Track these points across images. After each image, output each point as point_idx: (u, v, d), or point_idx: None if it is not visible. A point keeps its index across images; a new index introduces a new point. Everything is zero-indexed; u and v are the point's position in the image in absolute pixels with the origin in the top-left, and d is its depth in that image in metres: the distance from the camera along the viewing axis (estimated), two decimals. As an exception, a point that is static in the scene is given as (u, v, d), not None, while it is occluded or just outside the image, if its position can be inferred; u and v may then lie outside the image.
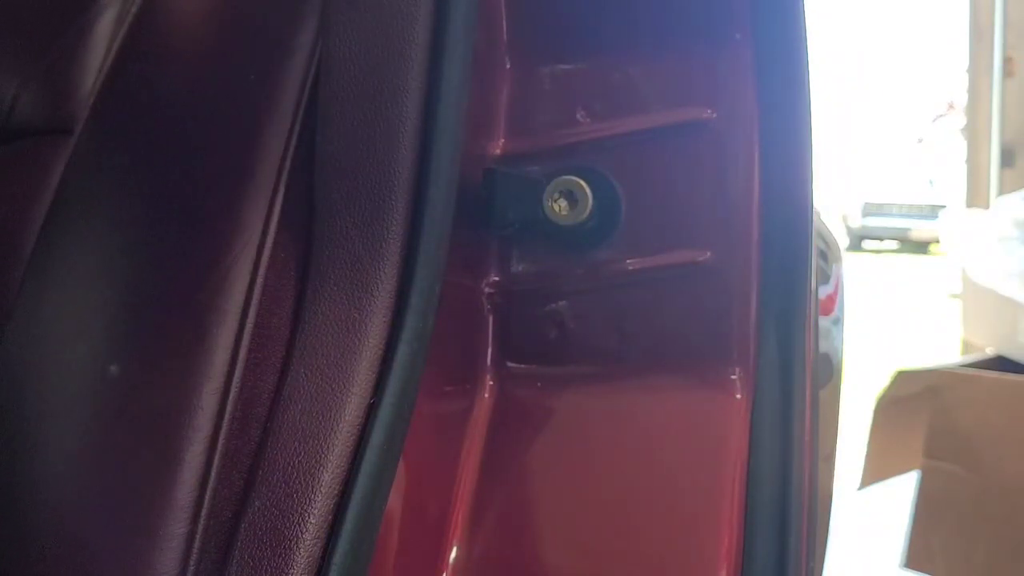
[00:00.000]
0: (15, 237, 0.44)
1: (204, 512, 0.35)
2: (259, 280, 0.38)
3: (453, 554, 0.41)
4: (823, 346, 0.64)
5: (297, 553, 0.33)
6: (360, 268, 0.37)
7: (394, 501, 0.37)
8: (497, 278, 0.45)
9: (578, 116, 0.45)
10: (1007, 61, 2.49)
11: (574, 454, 0.43)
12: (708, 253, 0.42)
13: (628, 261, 0.43)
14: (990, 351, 1.64)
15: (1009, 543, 1.34)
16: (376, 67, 0.39)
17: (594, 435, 0.43)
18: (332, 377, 0.36)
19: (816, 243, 0.34)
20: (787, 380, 0.40)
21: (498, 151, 0.45)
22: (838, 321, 0.72)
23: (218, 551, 0.34)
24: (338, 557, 0.33)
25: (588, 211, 0.42)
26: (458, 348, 0.44)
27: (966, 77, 2.61)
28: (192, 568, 0.34)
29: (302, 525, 0.33)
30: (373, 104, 0.39)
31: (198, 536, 0.34)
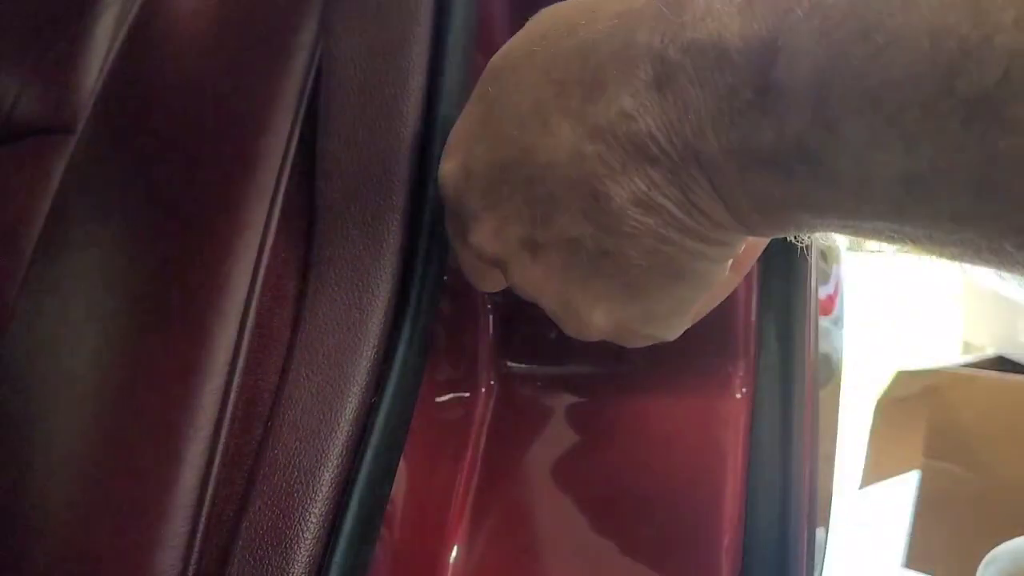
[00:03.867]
0: (16, 236, 0.44)
1: (205, 511, 0.35)
2: (260, 280, 0.38)
3: (453, 554, 0.41)
4: (823, 346, 0.64)
5: (298, 552, 0.33)
6: (361, 268, 0.37)
7: (395, 500, 0.37)
8: (497, 278, 0.45)
9: (578, 116, 0.45)
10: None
11: (574, 453, 0.43)
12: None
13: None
14: (990, 351, 1.64)
15: (1009, 543, 1.34)
16: (377, 68, 0.39)
17: (593, 434, 0.43)
18: (333, 376, 0.36)
19: (816, 242, 0.34)
20: (787, 380, 0.40)
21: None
22: (838, 321, 0.72)
23: (219, 550, 0.34)
24: (339, 556, 0.33)
25: None
26: (458, 348, 0.44)
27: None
28: (193, 567, 0.34)
29: (303, 524, 0.33)
30: (373, 104, 0.39)
31: (199, 535, 0.34)
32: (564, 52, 0.27)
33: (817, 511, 0.42)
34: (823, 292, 0.68)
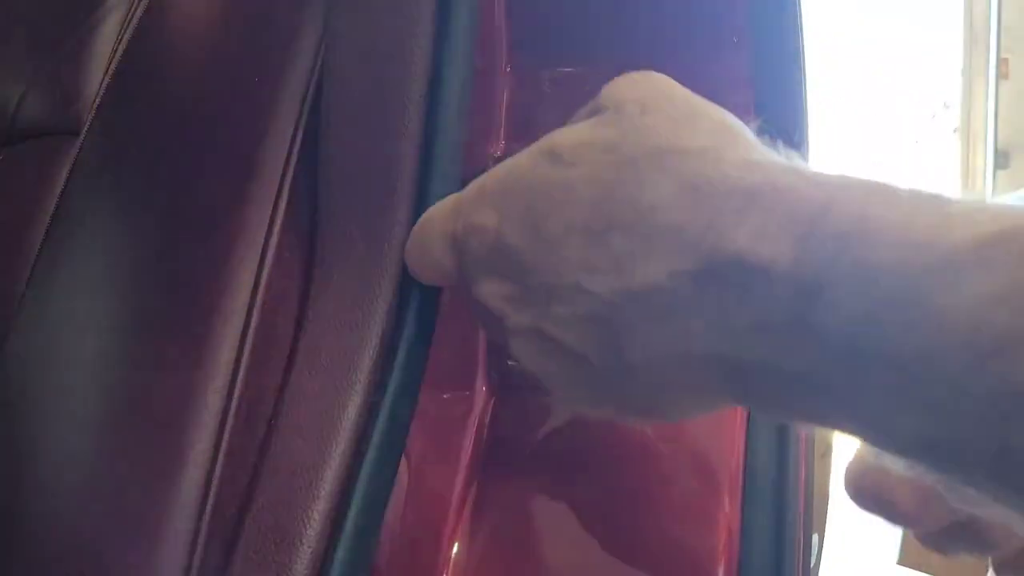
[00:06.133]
0: (21, 237, 0.44)
1: (208, 509, 0.35)
2: (263, 281, 0.38)
3: (454, 552, 0.41)
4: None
5: (301, 549, 0.33)
6: (362, 268, 0.37)
7: (395, 499, 0.38)
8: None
9: (578, 118, 0.45)
10: (1001, 63, 2.50)
11: (572, 452, 0.43)
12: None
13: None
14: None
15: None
16: (378, 70, 0.39)
17: (592, 433, 0.43)
18: (335, 376, 0.36)
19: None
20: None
21: (499, 153, 0.46)
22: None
23: (222, 547, 0.34)
24: (341, 553, 0.33)
25: None
26: (458, 347, 0.45)
27: (960, 79, 2.62)
28: (196, 564, 0.34)
29: (306, 522, 0.33)
30: (375, 107, 0.39)
31: (202, 533, 0.35)
32: (628, 194, 0.27)
33: (813, 508, 0.42)
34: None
